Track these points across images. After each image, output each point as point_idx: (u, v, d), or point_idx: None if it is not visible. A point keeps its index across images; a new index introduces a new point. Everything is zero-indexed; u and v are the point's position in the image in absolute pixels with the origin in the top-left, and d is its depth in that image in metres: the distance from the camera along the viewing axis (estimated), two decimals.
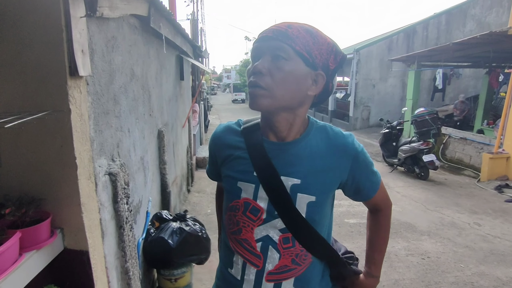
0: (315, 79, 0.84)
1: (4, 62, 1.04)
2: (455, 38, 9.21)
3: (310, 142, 0.88)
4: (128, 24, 1.86)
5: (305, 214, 0.84)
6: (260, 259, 0.86)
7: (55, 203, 1.15)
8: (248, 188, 0.86)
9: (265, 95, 0.80)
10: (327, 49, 0.83)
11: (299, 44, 0.79)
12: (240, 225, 0.88)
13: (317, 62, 0.82)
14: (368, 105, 11.71)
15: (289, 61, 0.79)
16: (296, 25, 0.81)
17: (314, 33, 0.82)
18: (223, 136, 0.96)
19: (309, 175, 0.84)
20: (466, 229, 3.95)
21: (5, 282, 0.91)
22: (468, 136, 6.84)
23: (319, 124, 0.93)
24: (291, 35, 0.79)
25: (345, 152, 0.88)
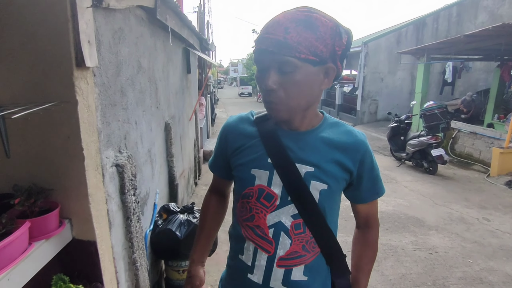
0: (326, 72, 0.82)
1: (10, 53, 1.04)
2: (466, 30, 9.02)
3: (322, 134, 0.90)
4: (134, 16, 1.85)
5: (317, 201, 0.86)
6: (272, 245, 0.88)
7: (63, 193, 1.16)
8: (262, 175, 0.88)
9: (282, 109, 0.81)
10: (331, 35, 0.78)
11: (303, 50, 0.75)
12: (253, 212, 0.89)
13: (325, 56, 0.78)
14: (376, 98, 11.58)
15: (298, 71, 0.77)
16: (293, 24, 0.74)
17: (314, 25, 0.75)
18: (236, 126, 0.97)
19: (322, 164, 0.86)
20: (475, 224, 3.90)
21: (15, 270, 0.92)
22: (478, 130, 6.73)
23: (332, 120, 0.94)
24: (292, 43, 0.74)
25: (356, 148, 0.89)
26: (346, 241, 3.41)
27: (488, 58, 8.11)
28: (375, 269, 2.92)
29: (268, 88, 0.79)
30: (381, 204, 4.49)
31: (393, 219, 4.03)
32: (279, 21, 0.76)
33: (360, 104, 11.60)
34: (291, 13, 0.77)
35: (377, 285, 2.69)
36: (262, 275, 0.89)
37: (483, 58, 8.47)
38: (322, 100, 15.02)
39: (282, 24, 0.75)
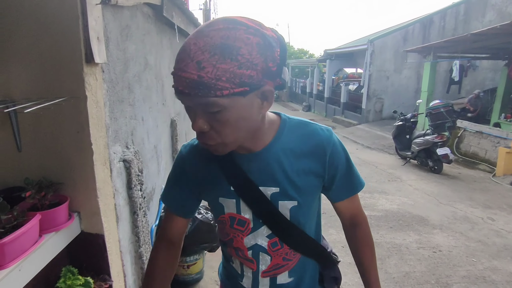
0: (263, 95, 0.68)
1: (22, 49, 1.06)
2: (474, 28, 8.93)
3: (283, 145, 0.80)
4: (141, 13, 1.87)
5: (289, 218, 0.83)
6: (254, 263, 0.89)
7: (72, 187, 1.19)
8: (230, 204, 0.84)
9: (219, 148, 0.72)
10: (259, 53, 0.62)
11: (224, 86, 0.60)
12: (231, 236, 0.89)
13: (256, 80, 0.63)
14: (381, 97, 11.53)
15: (225, 110, 0.64)
16: (206, 55, 0.59)
17: (234, 49, 0.59)
18: (193, 155, 0.89)
19: (287, 181, 0.80)
20: (479, 223, 3.89)
21: (26, 261, 0.95)
22: (484, 129, 6.68)
23: (293, 122, 0.84)
24: (209, 82, 0.59)
25: (322, 149, 0.81)
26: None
27: (496, 56, 8.03)
28: (378, 267, 2.92)
29: (197, 130, 0.69)
30: (385, 203, 4.49)
31: (397, 217, 4.03)
32: (189, 53, 0.60)
33: (365, 102, 11.55)
34: (204, 36, 0.60)
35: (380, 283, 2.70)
36: (251, 283, 0.92)
37: (491, 56, 8.39)
38: (327, 98, 14.98)
39: (193, 57, 0.59)
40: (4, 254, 0.89)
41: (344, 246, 3.32)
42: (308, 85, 18.06)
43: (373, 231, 3.77)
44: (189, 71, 0.60)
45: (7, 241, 0.89)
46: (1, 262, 0.89)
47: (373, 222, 3.87)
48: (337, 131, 10.98)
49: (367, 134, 9.94)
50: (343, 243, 3.37)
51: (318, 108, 16.32)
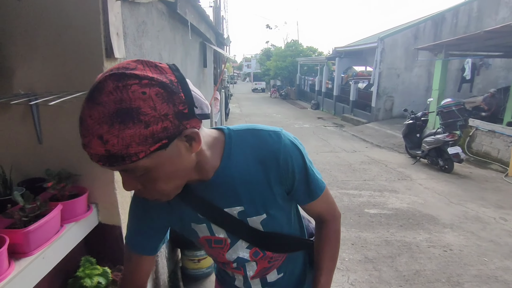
0: (188, 138, 0.62)
1: (45, 44, 1.09)
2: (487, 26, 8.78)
3: (234, 163, 0.75)
4: (156, 10, 1.89)
5: (263, 230, 0.82)
6: (241, 271, 0.91)
7: (91, 179, 1.22)
8: (202, 228, 0.83)
9: (162, 199, 0.69)
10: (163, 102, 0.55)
11: (138, 151, 0.55)
12: (213, 253, 0.90)
13: (172, 129, 0.57)
14: (391, 95, 11.41)
15: (150, 170, 0.60)
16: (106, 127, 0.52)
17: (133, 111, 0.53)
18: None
19: (249, 199, 0.77)
20: (491, 223, 3.84)
21: (49, 250, 0.98)
22: (497, 128, 6.57)
23: (239, 134, 0.77)
24: (119, 153, 0.54)
25: (274, 156, 0.75)
26: (359, 237, 3.44)
27: (509, 55, 7.88)
28: (389, 265, 2.92)
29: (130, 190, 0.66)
30: (395, 201, 4.47)
31: (407, 216, 4.00)
32: (88, 129, 0.54)
33: (375, 100, 11.45)
34: (96, 106, 0.53)
35: (391, 280, 2.70)
36: (243, 284, 0.95)
37: (504, 54, 8.24)
38: (336, 97, 14.89)
39: (93, 132, 0.53)
40: (29, 242, 0.93)
41: (353, 244, 3.31)
42: (317, 83, 17.96)
43: (383, 229, 3.75)
44: (95, 147, 0.54)
45: (32, 229, 0.92)
46: (26, 250, 0.93)
47: (383, 220, 3.86)
48: (346, 130, 10.93)
49: (376, 132, 9.86)
50: (352, 241, 3.37)
51: (327, 106, 16.24)
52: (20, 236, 0.90)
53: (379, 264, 2.95)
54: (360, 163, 6.57)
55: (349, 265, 2.93)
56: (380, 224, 3.76)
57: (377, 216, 4.00)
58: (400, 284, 2.65)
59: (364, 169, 6.13)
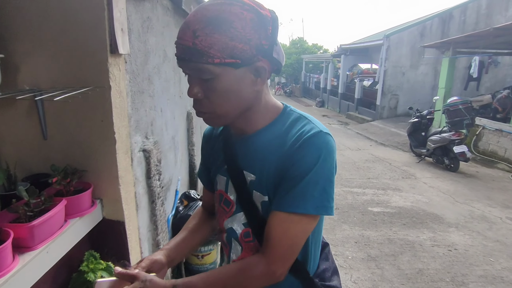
0: (256, 71, 0.71)
1: (50, 40, 1.09)
2: (496, 23, 8.65)
3: (272, 134, 0.77)
4: (161, 5, 1.89)
5: (261, 212, 0.79)
6: (227, 248, 0.89)
7: (95, 175, 1.22)
8: (222, 181, 0.87)
9: (212, 117, 0.75)
10: (253, 29, 0.66)
11: (216, 55, 0.64)
12: (218, 215, 0.90)
13: (248, 55, 0.67)
14: (396, 93, 11.33)
15: (216, 78, 0.67)
16: (201, 25, 0.64)
17: (227, 22, 0.64)
18: (210, 135, 0.97)
19: (263, 171, 0.76)
20: (498, 223, 3.81)
21: (53, 244, 0.99)
22: (504, 127, 6.50)
23: (293, 116, 0.79)
24: (202, 48, 0.64)
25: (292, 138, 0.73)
26: (362, 235, 3.43)
27: None
28: (391, 263, 2.91)
29: (192, 97, 0.73)
30: (399, 200, 4.44)
31: (411, 214, 3.98)
32: (188, 23, 0.66)
33: (380, 98, 11.38)
34: (202, 9, 0.66)
35: (393, 279, 2.69)
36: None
37: None
38: (341, 94, 14.82)
39: (190, 26, 0.65)
40: (33, 236, 0.93)
41: (357, 242, 3.31)
42: (322, 81, 17.89)
43: (386, 228, 3.75)
44: (186, 38, 0.65)
45: (36, 223, 0.93)
46: (30, 244, 0.93)
47: (386, 219, 3.84)
48: (351, 127, 10.88)
49: (381, 130, 9.81)
50: (356, 239, 3.36)
51: (332, 104, 16.17)
52: (25, 230, 0.91)
53: (381, 262, 2.94)
54: (364, 161, 6.55)
55: (352, 263, 2.92)
56: (383, 223, 3.75)
57: (380, 214, 3.98)
58: (402, 283, 2.64)
59: (368, 167, 6.11)
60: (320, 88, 18.07)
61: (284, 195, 0.71)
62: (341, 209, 4.00)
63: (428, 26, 11.07)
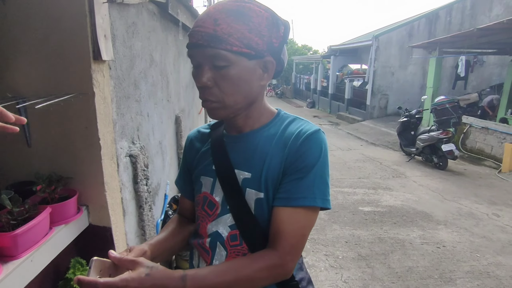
0: (264, 66, 0.76)
1: (32, 47, 1.09)
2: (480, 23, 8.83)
3: (269, 132, 0.80)
4: (147, 10, 1.89)
5: (253, 211, 0.78)
6: (209, 255, 0.83)
7: (81, 181, 1.22)
8: (207, 182, 0.85)
9: (218, 107, 0.76)
10: (267, 26, 0.72)
11: (235, 43, 0.69)
12: (199, 220, 0.87)
13: (261, 49, 0.72)
14: (386, 93, 11.46)
15: (231, 66, 0.71)
16: (223, 15, 0.69)
17: (247, 16, 0.70)
18: (195, 138, 0.96)
19: (259, 169, 0.77)
20: (484, 219, 3.88)
21: (38, 252, 0.98)
22: (490, 125, 6.63)
23: (289, 118, 0.83)
24: (222, 35, 0.68)
25: (291, 135, 0.76)
26: (353, 234, 3.46)
27: (503, 52, 7.94)
28: (382, 262, 2.95)
29: (202, 85, 0.73)
30: (390, 199, 4.50)
31: (401, 213, 4.03)
32: (209, 13, 0.71)
33: (370, 98, 11.50)
34: (223, 3, 0.71)
35: (383, 277, 2.72)
36: None
37: (497, 52, 8.30)
38: (332, 95, 14.92)
39: (211, 15, 0.70)
40: (16, 245, 0.93)
41: (347, 241, 3.34)
42: (312, 82, 18.00)
43: (376, 227, 3.79)
44: (206, 25, 0.69)
45: (19, 232, 0.92)
46: (14, 253, 0.93)
47: (377, 218, 3.88)
48: (342, 128, 10.97)
49: (371, 130, 9.91)
50: (346, 239, 3.39)
51: (322, 105, 16.27)
52: (8, 239, 0.90)
53: (372, 261, 2.98)
54: (355, 161, 6.61)
55: (342, 263, 2.95)
56: (374, 222, 3.79)
57: (371, 213, 4.02)
58: (393, 281, 2.68)
59: (359, 167, 6.17)
60: (311, 89, 18.18)
61: (290, 189, 0.74)
62: (332, 209, 4.04)
63: (416, 26, 11.23)
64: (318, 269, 2.86)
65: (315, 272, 2.81)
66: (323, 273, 2.80)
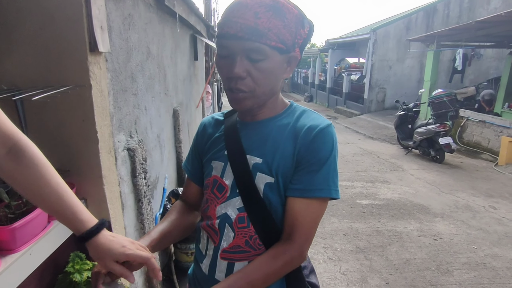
0: (289, 61, 0.80)
1: (27, 38, 1.07)
2: (478, 16, 8.81)
3: (282, 122, 0.85)
4: (143, 2, 1.87)
5: (262, 194, 0.81)
6: (217, 235, 0.86)
7: (79, 175, 1.21)
8: (218, 166, 0.88)
9: (248, 97, 0.78)
10: (296, 23, 0.75)
11: (273, 38, 0.72)
12: (209, 203, 0.89)
13: (290, 44, 0.76)
14: (383, 87, 11.46)
15: (267, 59, 0.74)
16: (263, 9, 0.70)
17: (282, 12, 0.72)
18: (209, 124, 0.97)
19: (271, 155, 0.81)
20: (481, 212, 3.91)
21: (36, 246, 0.98)
22: (487, 118, 6.65)
23: (300, 109, 0.88)
24: (263, 29, 0.70)
25: (309, 131, 0.79)
26: (351, 227, 3.48)
27: (500, 45, 7.93)
28: (379, 254, 2.97)
29: (236, 75, 0.74)
30: (387, 192, 4.52)
31: (398, 206, 4.06)
32: (247, 5, 0.71)
33: (367, 92, 11.49)
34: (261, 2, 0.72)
35: (381, 269, 2.74)
36: (209, 265, 0.88)
37: (495, 45, 8.29)
38: (329, 89, 14.90)
39: (251, 8, 0.70)
40: (15, 239, 0.92)
41: (346, 234, 3.36)
42: (310, 76, 17.95)
43: (374, 220, 3.81)
44: (247, 18, 0.70)
45: (17, 226, 0.91)
46: (12, 246, 0.92)
47: (374, 211, 3.90)
48: (339, 122, 10.97)
49: (369, 124, 9.92)
50: (344, 231, 3.41)
51: (320, 99, 16.25)
52: (6, 233, 0.89)
53: (370, 253, 3.00)
54: (353, 154, 6.62)
55: (340, 255, 2.97)
56: (371, 215, 3.81)
57: (369, 206, 4.04)
58: (391, 273, 2.70)
59: (356, 160, 6.18)
60: (308, 83, 18.14)
61: (305, 181, 0.78)
62: (330, 202, 4.03)
63: (414, 19, 11.19)
64: (317, 261, 2.87)
65: (314, 264, 2.80)
66: (322, 265, 2.82)
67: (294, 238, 0.78)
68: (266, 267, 0.77)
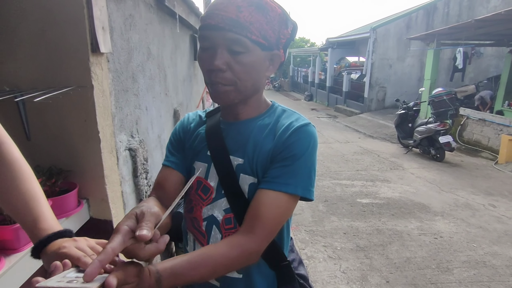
0: (271, 58, 0.80)
1: (29, 39, 1.08)
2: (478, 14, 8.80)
3: (263, 122, 0.84)
4: (144, 3, 1.87)
5: (247, 195, 0.80)
6: (204, 238, 0.86)
7: (81, 175, 1.22)
8: (201, 167, 0.87)
9: (229, 90, 0.77)
10: (279, 22, 0.76)
11: (254, 32, 0.72)
12: (193, 204, 0.88)
13: (272, 42, 0.77)
14: (384, 85, 11.46)
15: (248, 53, 0.74)
16: (245, 4, 0.71)
17: (265, 9, 0.73)
18: (192, 120, 0.96)
19: (252, 156, 0.80)
20: (481, 210, 3.92)
21: None
22: (487, 117, 6.66)
23: (281, 109, 0.88)
24: (244, 22, 0.71)
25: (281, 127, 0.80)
26: (351, 226, 3.49)
27: (500, 43, 7.93)
28: (380, 253, 2.98)
29: (216, 68, 0.74)
30: (387, 191, 4.53)
31: (399, 205, 4.07)
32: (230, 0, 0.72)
33: (367, 91, 11.49)
34: None
35: (382, 268, 2.75)
36: None
37: (495, 43, 8.29)
38: (329, 88, 14.89)
39: (233, 2, 0.72)
40: (18, 238, 0.93)
41: (346, 233, 3.37)
42: (310, 74, 17.94)
43: (375, 218, 3.82)
44: (229, 11, 0.71)
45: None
46: (16, 246, 0.93)
47: (375, 210, 3.92)
48: (339, 120, 10.97)
49: (369, 123, 9.93)
50: (345, 230, 3.42)
51: (320, 98, 16.25)
52: (10, 232, 0.91)
53: (370, 252, 3.01)
54: (353, 153, 6.63)
55: (341, 254, 2.98)
56: (372, 214, 3.82)
57: (369, 205, 4.05)
58: (391, 271, 2.71)
59: (357, 159, 6.19)
60: (308, 82, 18.13)
61: (275, 175, 0.77)
62: (330, 201, 4.06)
63: (414, 18, 11.18)
64: (317, 260, 2.88)
65: (314, 263, 2.84)
66: (322, 264, 2.83)
67: (255, 231, 0.73)
68: (217, 259, 0.69)
